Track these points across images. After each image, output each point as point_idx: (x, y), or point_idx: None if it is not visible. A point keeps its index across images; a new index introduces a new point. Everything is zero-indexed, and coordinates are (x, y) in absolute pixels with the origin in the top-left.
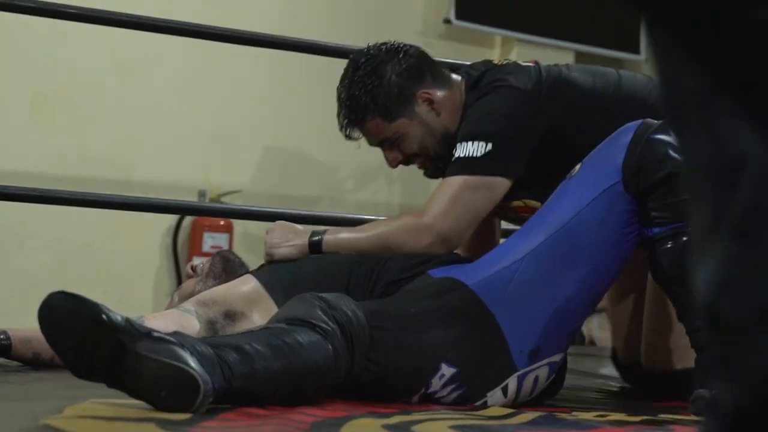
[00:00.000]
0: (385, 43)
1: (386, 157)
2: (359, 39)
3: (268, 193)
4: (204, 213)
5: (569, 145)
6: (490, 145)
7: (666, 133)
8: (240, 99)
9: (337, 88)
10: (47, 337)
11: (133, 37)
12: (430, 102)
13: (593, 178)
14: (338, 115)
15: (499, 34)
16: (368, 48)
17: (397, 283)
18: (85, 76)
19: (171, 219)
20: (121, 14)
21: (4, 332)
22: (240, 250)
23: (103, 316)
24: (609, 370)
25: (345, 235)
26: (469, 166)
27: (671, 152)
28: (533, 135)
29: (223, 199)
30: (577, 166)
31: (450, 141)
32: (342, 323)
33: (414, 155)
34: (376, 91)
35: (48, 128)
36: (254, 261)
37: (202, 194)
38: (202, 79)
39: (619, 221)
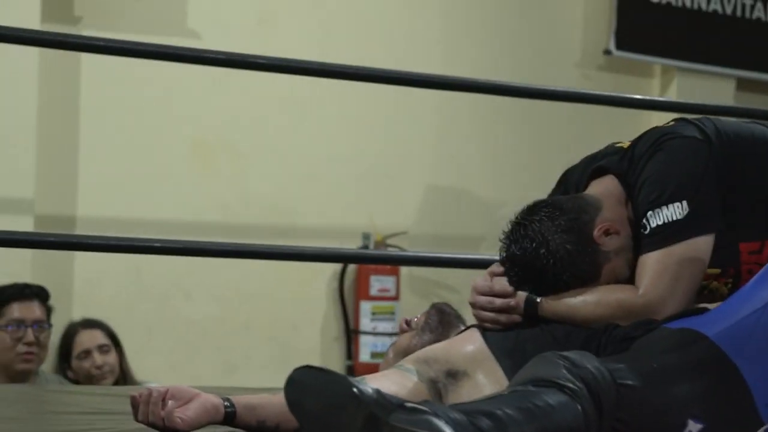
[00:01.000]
0: (531, 215)
1: None
2: (518, 73)
3: (432, 234)
4: (370, 261)
5: (742, 198)
6: (685, 204)
7: None
8: (401, 139)
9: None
10: (296, 415)
11: (292, 80)
12: (607, 231)
13: None
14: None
15: (659, 63)
16: (519, 230)
17: (631, 340)
18: (244, 121)
19: (336, 263)
20: (278, 59)
21: (228, 399)
22: (406, 293)
23: (354, 390)
24: None
25: (562, 303)
26: (671, 234)
27: None
28: (719, 182)
29: (388, 240)
30: None
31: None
32: (588, 382)
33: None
34: (567, 268)
35: (208, 175)
36: (421, 303)
37: (366, 237)
38: (361, 120)
39: None
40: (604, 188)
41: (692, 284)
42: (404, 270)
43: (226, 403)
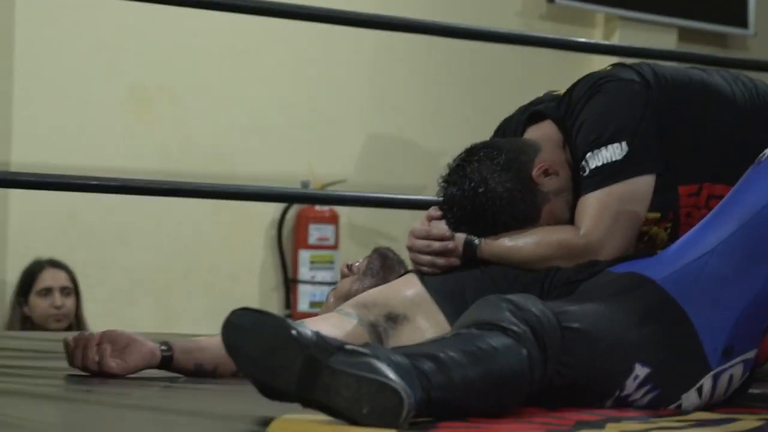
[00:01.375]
0: (469, 156)
1: None
2: (457, 19)
3: (372, 183)
4: (311, 200)
5: (680, 141)
6: (624, 144)
7: None
8: (341, 86)
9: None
10: (234, 359)
11: (231, 26)
12: (546, 171)
13: None
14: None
15: (602, 11)
16: (458, 171)
17: (575, 284)
18: (183, 67)
19: (275, 212)
20: None
21: (166, 343)
22: (346, 241)
23: (293, 332)
24: None
25: (502, 244)
26: (611, 174)
27: None
28: (659, 125)
29: (327, 189)
30: (766, 153)
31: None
32: (533, 325)
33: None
34: (506, 208)
35: (146, 122)
36: (361, 252)
37: (305, 185)
38: (301, 67)
39: None
40: (542, 133)
41: (633, 223)
42: (343, 219)
43: (162, 347)
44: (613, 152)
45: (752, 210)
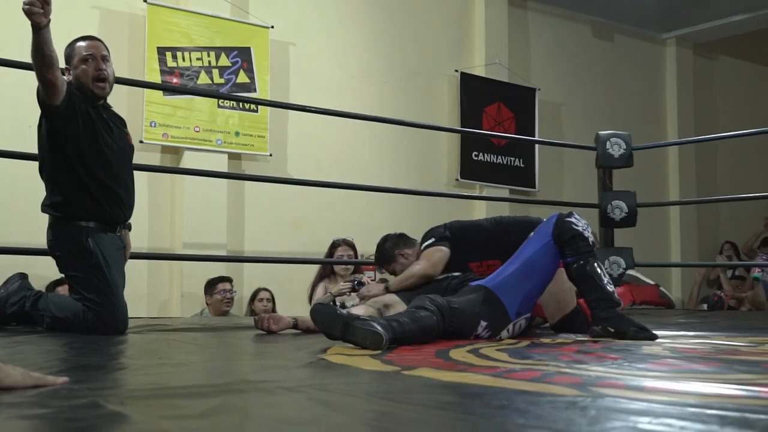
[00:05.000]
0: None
1: None
2: (410, 183)
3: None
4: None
5: (469, 250)
6: (434, 240)
7: (571, 217)
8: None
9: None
10: (315, 323)
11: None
12: (401, 255)
13: (539, 238)
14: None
15: (482, 185)
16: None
17: (456, 290)
18: (320, 207)
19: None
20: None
21: (295, 318)
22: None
23: (338, 312)
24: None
25: (395, 282)
26: (430, 245)
27: (573, 225)
28: (454, 244)
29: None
30: (532, 233)
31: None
32: (438, 306)
33: None
34: (382, 264)
35: (301, 238)
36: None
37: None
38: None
39: (552, 256)
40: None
41: (439, 263)
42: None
43: (293, 319)
44: (431, 242)
45: (525, 257)
